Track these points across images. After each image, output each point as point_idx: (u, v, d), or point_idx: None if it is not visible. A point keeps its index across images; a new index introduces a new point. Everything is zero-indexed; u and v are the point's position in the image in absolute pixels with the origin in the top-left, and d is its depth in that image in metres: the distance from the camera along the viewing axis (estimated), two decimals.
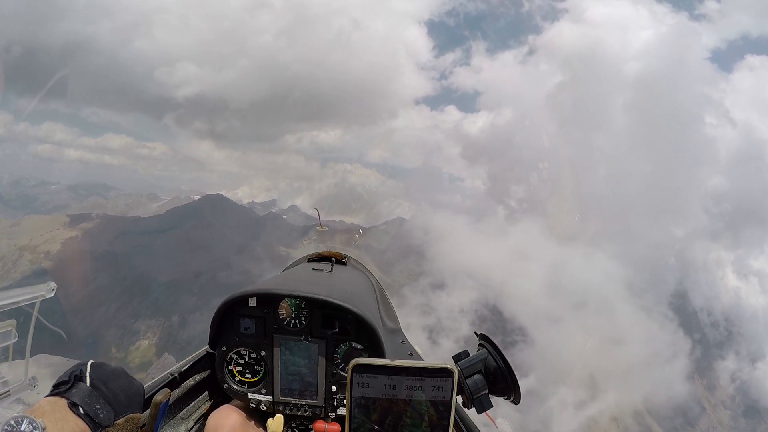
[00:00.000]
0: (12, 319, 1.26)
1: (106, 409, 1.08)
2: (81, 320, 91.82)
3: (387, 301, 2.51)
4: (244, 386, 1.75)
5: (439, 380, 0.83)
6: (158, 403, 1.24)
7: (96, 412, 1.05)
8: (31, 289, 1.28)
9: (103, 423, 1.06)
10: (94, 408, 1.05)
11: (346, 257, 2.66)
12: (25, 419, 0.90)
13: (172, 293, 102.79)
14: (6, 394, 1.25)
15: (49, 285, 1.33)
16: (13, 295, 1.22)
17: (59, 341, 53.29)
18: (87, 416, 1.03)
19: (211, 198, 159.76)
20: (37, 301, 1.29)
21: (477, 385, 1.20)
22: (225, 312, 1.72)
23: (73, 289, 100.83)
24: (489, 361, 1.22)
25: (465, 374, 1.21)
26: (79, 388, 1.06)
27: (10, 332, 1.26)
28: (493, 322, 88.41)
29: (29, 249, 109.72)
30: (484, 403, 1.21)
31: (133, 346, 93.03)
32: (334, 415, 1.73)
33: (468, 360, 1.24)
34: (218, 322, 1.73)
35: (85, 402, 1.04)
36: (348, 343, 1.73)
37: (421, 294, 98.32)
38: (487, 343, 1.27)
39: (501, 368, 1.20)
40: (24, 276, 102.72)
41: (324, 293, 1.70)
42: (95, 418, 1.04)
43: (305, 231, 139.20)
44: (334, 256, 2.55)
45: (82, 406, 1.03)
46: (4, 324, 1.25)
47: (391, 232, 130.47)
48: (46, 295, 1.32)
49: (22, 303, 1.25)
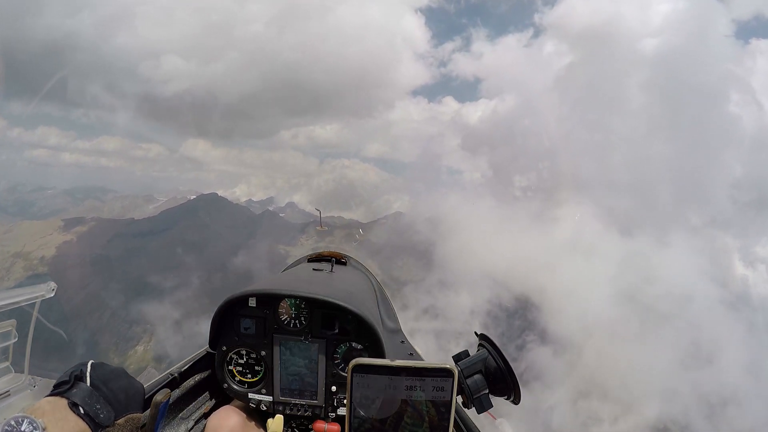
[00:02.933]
0: (12, 319, 1.28)
1: (106, 409, 1.09)
2: (76, 327, 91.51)
3: (387, 301, 2.52)
4: (244, 386, 1.77)
5: (439, 380, 0.85)
6: (158, 403, 1.26)
7: (96, 412, 1.06)
8: (31, 289, 1.31)
9: (103, 423, 1.07)
10: (95, 408, 1.06)
11: (346, 257, 2.65)
12: (26, 419, 0.91)
13: (166, 297, 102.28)
14: (6, 394, 1.27)
15: (49, 285, 1.35)
16: (13, 295, 1.24)
17: (59, 342, 52.49)
18: (87, 416, 1.04)
19: (206, 197, 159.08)
20: (37, 301, 1.31)
21: (477, 385, 1.22)
22: (225, 312, 1.73)
23: (68, 295, 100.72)
24: (489, 361, 1.24)
25: (465, 374, 1.23)
26: (80, 388, 1.07)
27: (10, 332, 1.28)
28: (508, 322, 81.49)
29: (22, 255, 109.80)
30: (484, 403, 1.23)
31: (131, 351, 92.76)
32: (334, 415, 1.75)
33: (468, 360, 1.26)
34: (218, 322, 1.75)
35: (85, 402, 1.05)
36: (348, 343, 1.75)
37: (427, 294, 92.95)
38: (487, 343, 1.28)
39: (501, 368, 1.22)
40: (18, 283, 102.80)
41: (324, 293, 1.72)
42: (95, 418, 1.05)
43: (303, 228, 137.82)
44: (334, 256, 2.56)
45: (82, 406, 1.04)
46: (4, 324, 1.27)
47: (390, 227, 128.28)
48: (46, 295, 1.33)
49: (22, 303, 1.27)
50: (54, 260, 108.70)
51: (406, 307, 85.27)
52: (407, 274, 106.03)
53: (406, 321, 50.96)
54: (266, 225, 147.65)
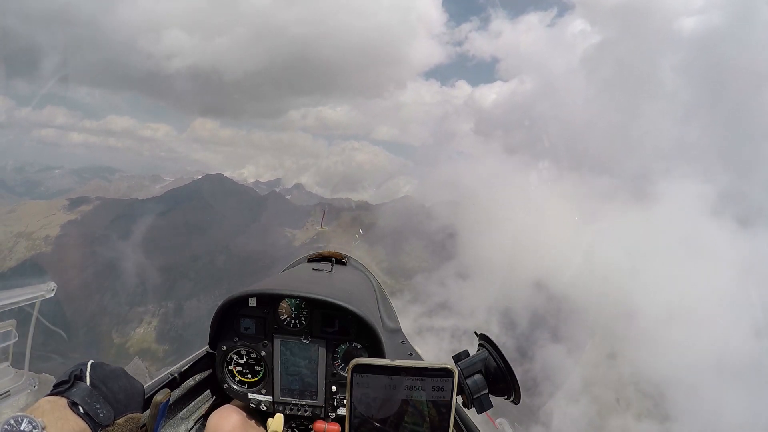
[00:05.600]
0: (12, 319, 1.30)
1: (106, 408, 1.11)
2: (76, 308, 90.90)
3: (387, 301, 2.55)
4: (244, 386, 1.81)
5: (439, 380, 0.85)
6: (158, 403, 1.28)
7: (96, 412, 1.07)
8: (31, 289, 1.33)
9: (103, 422, 1.08)
10: (94, 407, 1.08)
11: (346, 257, 2.68)
12: (25, 418, 0.92)
13: (168, 278, 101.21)
14: (6, 394, 1.29)
15: (49, 285, 1.38)
16: (13, 295, 1.27)
17: (60, 340, 50.48)
18: (87, 416, 1.05)
19: (211, 178, 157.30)
20: (37, 301, 1.33)
21: (477, 385, 1.23)
22: (225, 312, 1.77)
23: (69, 275, 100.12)
24: (489, 361, 1.25)
25: (465, 374, 1.24)
26: (79, 387, 1.09)
27: (10, 332, 1.30)
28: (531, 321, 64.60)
29: (25, 235, 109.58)
30: (484, 403, 1.23)
31: (132, 332, 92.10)
32: (334, 415, 1.79)
33: (468, 360, 1.27)
34: (218, 322, 1.78)
35: (85, 401, 1.06)
36: (348, 343, 1.78)
37: (441, 286, 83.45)
38: (487, 343, 1.29)
39: (501, 368, 1.23)
40: (20, 262, 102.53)
41: (324, 293, 1.75)
42: (95, 417, 1.07)
43: (309, 211, 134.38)
44: (334, 256, 2.58)
45: (82, 406, 1.05)
46: (4, 324, 1.28)
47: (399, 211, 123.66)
48: (46, 295, 1.36)
49: (22, 303, 1.29)
50: (58, 240, 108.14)
51: (415, 301, 77.79)
52: (416, 261, 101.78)
53: (417, 318, 42.81)
54: (271, 207, 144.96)
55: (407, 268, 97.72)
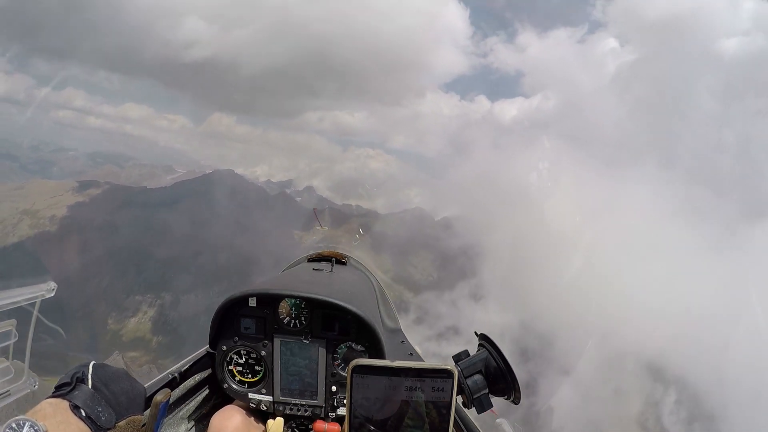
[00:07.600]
0: (12, 319, 1.30)
1: (107, 411, 1.10)
2: (73, 292, 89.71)
3: (387, 301, 2.58)
4: (244, 386, 1.83)
5: (439, 381, 0.86)
6: (158, 402, 1.29)
7: (98, 415, 1.07)
8: (31, 289, 1.32)
9: (104, 425, 1.08)
10: (96, 410, 1.07)
11: (346, 257, 2.71)
12: (27, 422, 0.92)
13: (167, 271, 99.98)
14: (6, 394, 1.29)
15: (49, 285, 1.37)
16: (13, 295, 1.26)
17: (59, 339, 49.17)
18: (89, 419, 1.05)
19: (222, 173, 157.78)
20: (37, 300, 1.32)
21: (477, 385, 1.23)
22: (225, 312, 1.79)
23: (70, 257, 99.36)
24: (489, 361, 1.26)
25: (465, 374, 1.25)
26: (81, 390, 1.09)
27: (10, 332, 1.30)
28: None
29: (31, 213, 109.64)
30: (484, 403, 1.24)
31: (127, 320, 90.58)
32: (334, 415, 1.82)
33: (468, 360, 1.28)
34: (218, 322, 1.81)
35: (86, 404, 1.06)
36: (348, 343, 1.81)
37: (452, 306, 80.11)
38: (487, 343, 1.30)
39: (501, 368, 1.23)
40: (21, 239, 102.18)
41: (324, 293, 1.78)
42: (97, 420, 1.06)
43: (317, 214, 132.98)
44: (335, 256, 2.61)
45: (83, 409, 1.05)
46: (4, 324, 1.28)
47: (408, 222, 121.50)
48: (46, 295, 1.35)
49: (22, 303, 1.28)
50: (63, 220, 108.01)
51: (421, 322, 74.38)
52: (423, 275, 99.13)
53: (422, 341, 38.97)
54: (279, 207, 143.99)
55: (413, 281, 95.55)
